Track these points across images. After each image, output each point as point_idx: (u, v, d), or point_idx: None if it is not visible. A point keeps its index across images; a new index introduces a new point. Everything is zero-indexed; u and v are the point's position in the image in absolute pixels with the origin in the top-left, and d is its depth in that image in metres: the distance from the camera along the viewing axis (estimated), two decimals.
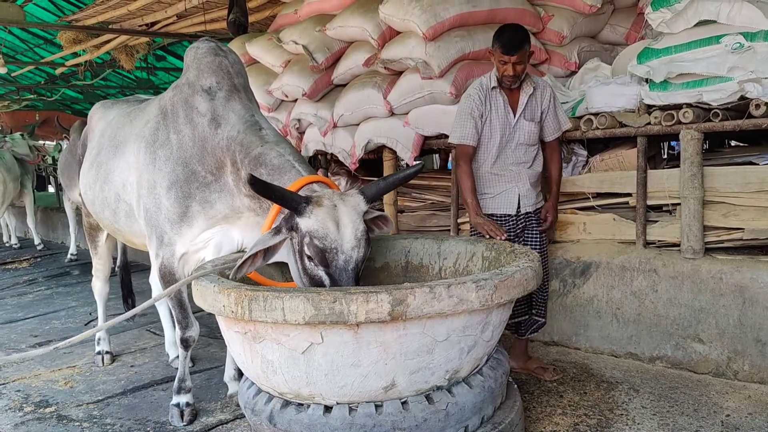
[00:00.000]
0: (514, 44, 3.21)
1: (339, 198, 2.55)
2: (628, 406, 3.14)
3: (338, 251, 2.45)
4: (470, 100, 3.38)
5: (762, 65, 3.24)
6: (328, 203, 2.50)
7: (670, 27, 3.58)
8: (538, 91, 3.43)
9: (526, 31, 3.35)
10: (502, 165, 3.46)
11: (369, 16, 4.56)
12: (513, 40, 3.22)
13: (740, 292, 3.36)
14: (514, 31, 3.29)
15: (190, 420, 3.21)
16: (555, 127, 3.53)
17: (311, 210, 2.47)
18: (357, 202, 2.57)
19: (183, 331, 3.24)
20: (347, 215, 2.50)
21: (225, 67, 3.08)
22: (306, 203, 2.47)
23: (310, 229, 2.46)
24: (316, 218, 2.46)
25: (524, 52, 3.24)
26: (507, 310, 2.58)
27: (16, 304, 6.36)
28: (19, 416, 3.41)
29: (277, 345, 2.28)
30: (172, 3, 7.25)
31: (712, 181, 3.56)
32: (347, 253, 2.46)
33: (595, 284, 3.88)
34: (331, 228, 2.45)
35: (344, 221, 2.48)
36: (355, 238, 2.48)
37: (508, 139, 3.43)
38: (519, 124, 3.42)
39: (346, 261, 2.46)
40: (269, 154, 2.78)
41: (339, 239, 2.46)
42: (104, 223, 3.71)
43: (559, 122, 3.54)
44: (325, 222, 2.45)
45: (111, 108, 3.87)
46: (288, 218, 2.54)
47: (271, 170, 2.73)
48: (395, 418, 2.27)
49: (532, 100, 3.42)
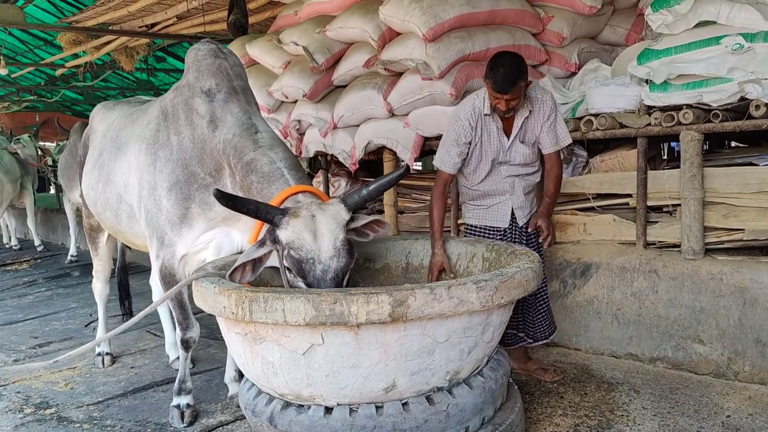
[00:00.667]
0: (507, 83, 3.01)
1: (318, 208, 2.52)
2: (628, 407, 3.13)
3: (315, 261, 2.43)
4: (459, 126, 3.23)
5: (762, 66, 3.24)
6: (306, 213, 2.47)
7: (670, 28, 3.58)
8: (535, 112, 3.25)
9: (522, 64, 3.10)
10: (495, 180, 3.37)
11: (369, 17, 4.56)
12: (507, 78, 3.01)
13: (740, 293, 3.36)
14: (509, 68, 3.02)
15: (190, 421, 3.21)
16: (552, 142, 3.30)
17: (288, 221, 2.45)
18: (337, 211, 2.53)
19: (183, 332, 3.24)
20: (325, 225, 2.47)
21: (225, 69, 3.07)
22: (282, 215, 2.46)
23: (288, 240, 2.45)
24: (292, 229, 2.44)
25: (519, 88, 3.05)
26: (507, 311, 2.58)
27: (16, 305, 6.37)
28: (20, 418, 3.41)
29: (277, 346, 2.28)
30: (173, 4, 7.24)
31: (713, 182, 3.56)
32: (325, 262, 2.44)
33: (596, 285, 3.88)
34: (307, 238, 2.43)
35: (322, 231, 2.46)
36: (333, 248, 2.45)
37: (501, 161, 3.32)
38: (513, 147, 3.29)
39: (324, 271, 2.43)
40: (261, 160, 2.75)
41: (316, 249, 2.43)
42: (106, 223, 3.71)
43: (557, 137, 3.31)
44: (301, 233, 2.43)
45: (113, 109, 3.87)
46: (271, 230, 2.53)
47: (261, 178, 2.72)
48: (396, 419, 2.28)
49: (528, 122, 3.27)
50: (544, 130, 3.28)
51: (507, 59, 3.08)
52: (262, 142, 2.84)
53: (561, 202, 4.21)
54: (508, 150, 3.29)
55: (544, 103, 3.26)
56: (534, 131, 3.29)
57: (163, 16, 7.62)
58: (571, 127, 3.98)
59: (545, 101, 3.26)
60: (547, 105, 3.26)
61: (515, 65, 3.04)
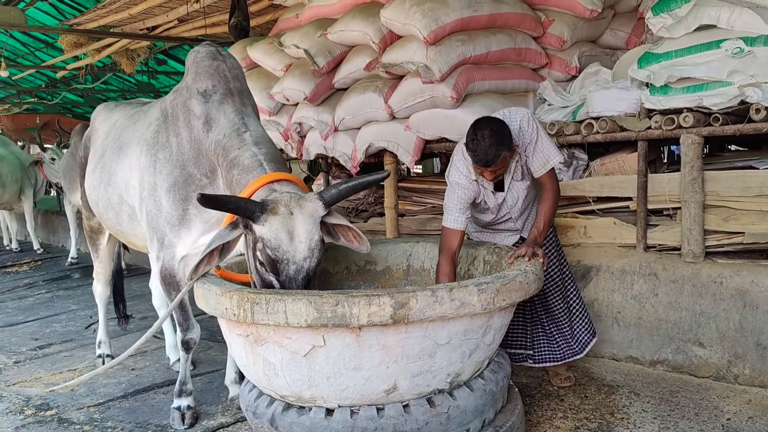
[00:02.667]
0: (490, 157, 2.79)
1: (296, 203, 2.49)
2: (628, 410, 3.14)
3: (290, 262, 2.44)
4: (461, 191, 3.04)
5: (762, 70, 3.25)
6: (284, 210, 2.46)
7: (670, 32, 3.59)
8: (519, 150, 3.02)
9: (504, 132, 2.82)
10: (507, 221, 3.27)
11: (370, 20, 4.57)
12: (489, 153, 2.77)
13: (741, 296, 3.36)
14: (490, 140, 2.76)
15: (191, 423, 3.21)
16: (540, 163, 3.05)
17: (266, 218, 2.43)
18: (315, 208, 2.51)
19: (184, 333, 3.24)
20: (302, 224, 2.46)
21: (222, 71, 3.08)
22: (261, 211, 2.43)
23: (263, 236, 2.44)
24: (270, 227, 2.43)
25: (504, 158, 2.83)
26: (508, 314, 2.59)
27: (17, 307, 6.37)
28: (20, 419, 3.41)
29: (279, 348, 2.29)
30: (174, 7, 7.26)
31: (713, 185, 3.57)
32: (299, 263, 2.45)
33: (596, 288, 3.88)
34: (284, 239, 2.43)
35: (298, 231, 2.45)
36: (308, 249, 2.46)
37: (502, 207, 3.18)
38: (509, 193, 3.13)
39: (297, 271, 2.45)
40: (243, 155, 2.78)
41: (291, 250, 2.43)
42: (107, 224, 3.72)
43: (544, 158, 3.04)
44: (278, 233, 2.42)
45: (114, 110, 3.88)
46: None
47: (241, 170, 2.74)
48: (397, 421, 2.28)
49: (516, 165, 3.06)
50: (529, 154, 3.05)
51: (486, 131, 2.79)
52: (248, 140, 2.85)
53: (562, 205, 4.21)
54: (505, 200, 3.15)
55: (522, 133, 3.01)
56: (524, 162, 3.09)
57: (165, 18, 7.65)
58: (571, 131, 3.99)
59: (522, 131, 3.01)
60: (525, 132, 3.01)
61: (496, 136, 2.78)
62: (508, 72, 4.47)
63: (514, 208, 3.20)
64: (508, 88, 4.49)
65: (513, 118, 3.01)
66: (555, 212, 3.14)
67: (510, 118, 3.01)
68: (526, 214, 3.30)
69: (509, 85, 4.49)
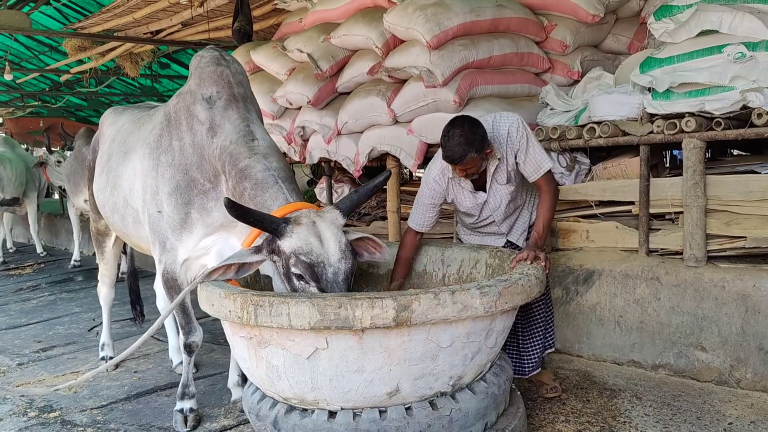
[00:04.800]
0: (456, 156, 2.86)
1: (316, 215, 2.58)
2: (630, 414, 3.14)
3: (326, 265, 2.48)
4: (429, 189, 3.14)
5: (764, 75, 3.26)
6: (307, 221, 2.53)
7: (672, 37, 3.60)
8: (505, 155, 3.04)
9: (476, 135, 2.84)
10: (490, 224, 3.30)
11: (373, 24, 4.60)
12: (455, 151, 2.84)
13: (743, 301, 3.37)
14: (458, 139, 2.82)
15: (193, 425, 3.22)
16: (533, 169, 3.05)
17: (291, 229, 2.49)
18: (334, 217, 2.60)
19: (187, 336, 3.25)
20: (328, 230, 2.53)
21: (226, 77, 3.10)
22: (285, 224, 2.50)
23: (294, 248, 2.48)
24: (298, 236, 2.49)
25: (471, 160, 2.86)
26: (510, 317, 2.60)
27: (20, 309, 6.38)
28: (24, 421, 3.43)
29: (282, 350, 2.30)
30: (178, 11, 7.29)
31: (715, 190, 3.58)
32: (335, 265, 2.49)
33: (598, 292, 3.89)
34: (314, 243, 2.48)
35: (326, 235, 2.51)
36: (339, 250, 2.51)
37: (483, 209, 3.20)
38: (492, 196, 3.15)
39: (335, 273, 2.49)
40: (255, 167, 2.79)
41: (324, 253, 2.49)
42: (114, 227, 3.76)
43: (536, 163, 3.04)
44: (307, 238, 2.48)
45: (122, 114, 3.92)
46: (270, 241, 2.56)
47: (255, 184, 2.75)
48: (399, 424, 2.29)
49: (501, 168, 3.07)
50: (521, 160, 3.05)
51: (458, 130, 2.85)
52: (257, 149, 2.88)
53: (564, 209, 4.23)
54: (487, 202, 3.18)
55: (510, 139, 3.02)
56: (511, 167, 3.09)
57: (169, 22, 7.68)
58: (573, 135, 4.00)
59: (511, 137, 3.02)
60: (514, 138, 3.01)
61: (467, 136, 2.82)
62: (511, 76, 4.49)
63: (497, 212, 3.23)
64: (510, 93, 4.51)
65: (502, 123, 3.05)
66: (554, 214, 3.13)
67: (499, 123, 3.05)
68: (512, 219, 3.32)
69: (512, 90, 4.51)
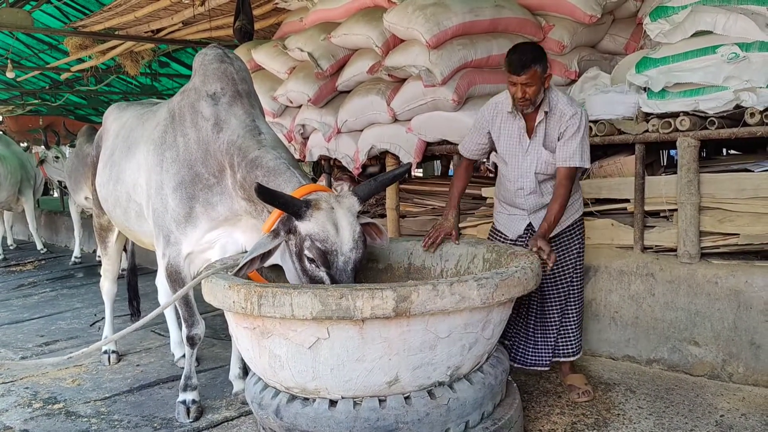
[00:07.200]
0: (521, 64, 2.98)
1: (335, 200, 2.65)
2: (624, 407, 3.20)
3: (338, 253, 2.56)
4: (480, 116, 3.36)
5: (757, 75, 3.32)
6: (326, 206, 2.60)
7: (667, 37, 3.66)
8: (552, 115, 3.13)
9: (540, 52, 3.06)
10: (519, 190, 3.30)
11: (373, 24, 4.64)
12: (521, 60, 2.99)
13: (735, 296, 3.43)
14: (523, 51, 3.03)
15: (196, 417, 3.28)
16: (564, 155, 3.10)
17: (311, 213, 2.56)
18: (352, 203, 2.68)
19: (189, 329, 3.31)
20: (344, 218, 2.61)
21: (230, 74, 3.17)
22: (306, 207, 2.57)
23: (311, 232, 2.55)
24: (316, 222, 2.56)
25: (533, 72, 2.98)
26: (507, 309, 2.66)
27: (22, 305, 6.43)
28: (29, 412, 3.48)
29: (284, 340, 2.35)
30: (179, 10, 7.33)
31: (709, 188, 3.64)
32: (346, 254, 2.57)
33: (594, 288, 3.95)
34: (331, 231, 2.56)
35: (342, 224, 2.59)
36: (353, 240, 2.59)
37: (522, 164, 3.24)
38: (532, 151, 3.20)
39: (345, 262, 2.57)
40: (265, 156, 2.87)
41: (338, 242, 2.56)
42: (116, 221, 3.80)
43: (569, 152, 3.08)
44: (325, 225, 2.55)
45: (125, 110, 3.97)
46: (285, 221, 2.62)
47: (267, 172, 2.82)
48: (398, 413, 2.35)
49: (546, 124, 3.15)
50: (560, 140, 3.12)
51: (523, 45, 3.17)
52: (265, 142, 2.96)
53: None
54: (527, 153, 3.21)
55: (564, 112, 3.11)
56: (552, 138, 3.16)
57: (170, 21, 7.71)
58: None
59: (565, 111, 3.10)
60: (567, 115, 3.09)
61: (530, 50, 3.06)
62: None
63: (528, 178, 3.24)
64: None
65: (567, 102, 3.15)
66: (563, 210, 3.12)
67: (565, 100, 3.16)
68: (536, 196, 3.29)
69: None
